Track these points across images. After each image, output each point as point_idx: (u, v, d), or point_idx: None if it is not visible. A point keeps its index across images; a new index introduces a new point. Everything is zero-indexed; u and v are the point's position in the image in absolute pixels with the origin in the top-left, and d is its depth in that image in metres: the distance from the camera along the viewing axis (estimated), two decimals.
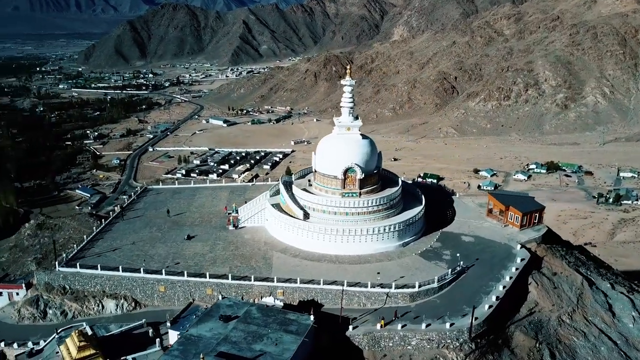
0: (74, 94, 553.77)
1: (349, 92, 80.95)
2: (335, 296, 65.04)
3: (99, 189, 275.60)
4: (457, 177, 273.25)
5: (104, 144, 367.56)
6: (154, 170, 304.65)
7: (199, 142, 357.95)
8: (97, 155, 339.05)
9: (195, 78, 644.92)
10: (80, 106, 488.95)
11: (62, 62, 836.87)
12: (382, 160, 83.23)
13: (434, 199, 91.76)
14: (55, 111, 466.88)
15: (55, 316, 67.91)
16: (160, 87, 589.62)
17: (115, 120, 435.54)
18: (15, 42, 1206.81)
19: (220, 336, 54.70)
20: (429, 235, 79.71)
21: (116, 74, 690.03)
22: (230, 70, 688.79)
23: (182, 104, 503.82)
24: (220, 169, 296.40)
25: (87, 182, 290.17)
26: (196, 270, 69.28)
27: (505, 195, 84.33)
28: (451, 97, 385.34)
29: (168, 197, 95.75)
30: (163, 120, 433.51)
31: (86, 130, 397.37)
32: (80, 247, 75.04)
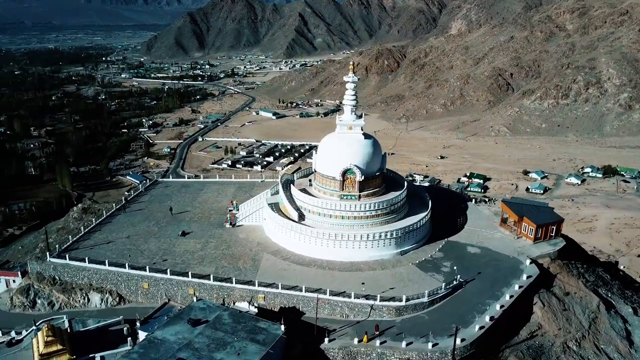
0: (134, 83, 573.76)
1: (352, 89, 76.97)
2: (319, 304, 61.76)
3: (148, 176, 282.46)
4: (504, 178, 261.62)
5: (158, 132, 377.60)
6: (201, 160, 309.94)
7: (247, 134, 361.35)
8: (149, 143, 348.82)
9: (249, 70, 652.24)
10: (139, 95, 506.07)
11: (126, 53, 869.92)
12: (386, 161, 78.78)
13: (446, 204, 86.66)
14: (116, 99, 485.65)
15: (43, 306, 68.45)
16: (216, 78, 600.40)
17: (170, 109, 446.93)
18: (86, 32, 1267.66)
19: (184, 341, 52.84)
20: (431, 244, 74.72)
21: (175, 64, 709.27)
22: (284, 62, 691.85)
23: (235, 96, 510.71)
24: (265, 161, 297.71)
25: (138, 169, 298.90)
26: (182, 268, 67.88)
27: (521, 204, 77.71)
28: (505, 94, 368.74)
29: (174, 192, 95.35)
30: (215, 111, 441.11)
31: (142, 118, 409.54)
32: (76, 239, 75.49)
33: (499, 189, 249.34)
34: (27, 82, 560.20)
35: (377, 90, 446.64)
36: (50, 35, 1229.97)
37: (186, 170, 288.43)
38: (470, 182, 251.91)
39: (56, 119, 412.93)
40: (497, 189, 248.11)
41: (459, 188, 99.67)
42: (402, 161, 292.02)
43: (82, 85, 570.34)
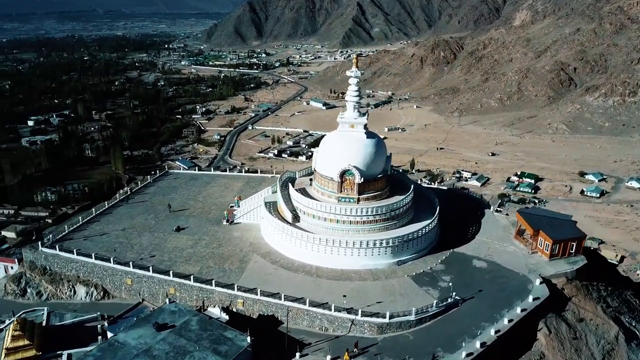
0: (192, 70, 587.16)
1: (355, 84, 71.96)
2: (297, 314, 58.05)
3: (196, 162, 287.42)
4: (558, 179, 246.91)
5: (210, 119, 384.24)
6: (249, 148, 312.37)
7: (295, 124, 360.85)
8: (201, 129, 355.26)
9: (304, 59, 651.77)
10: (195, 82, 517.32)
11: (188, 40, 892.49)
12: (390, 163, 73.38)
13: (461, 209, 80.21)
14: (174, 86, 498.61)
15: (32, 296, 68.55)
16: (271, 67, 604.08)
17: (224, 97, 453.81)
18: (152, 20, 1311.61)
19: (144, 347, 50.61)
20: (434, 255, 68.92)
21: (233, 52, 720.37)
22: (339, 52, 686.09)
23: (288, 85, 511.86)
24: (310, 152, 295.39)
25: (188, 154, 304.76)
26: (167, 266, 65.88)
27: (539, 215, 70.12)
28: (567, 90, 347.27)
29: (182, 184, 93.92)
30: (267, 100, 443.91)
31: (196, 105, 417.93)
32: (73, 229, 75.21)
33: (551, 190, 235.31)
34: (94, 68, 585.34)
35: (431, 82, 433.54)
36: (120, 22, 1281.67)
37: (233, 158, 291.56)
38: (520, 181, 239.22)
39: (117, 104, 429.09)
40: (549, 190, 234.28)
41: (480, 195, 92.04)
42: (450, 157, 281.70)
43: (144, 71, 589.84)
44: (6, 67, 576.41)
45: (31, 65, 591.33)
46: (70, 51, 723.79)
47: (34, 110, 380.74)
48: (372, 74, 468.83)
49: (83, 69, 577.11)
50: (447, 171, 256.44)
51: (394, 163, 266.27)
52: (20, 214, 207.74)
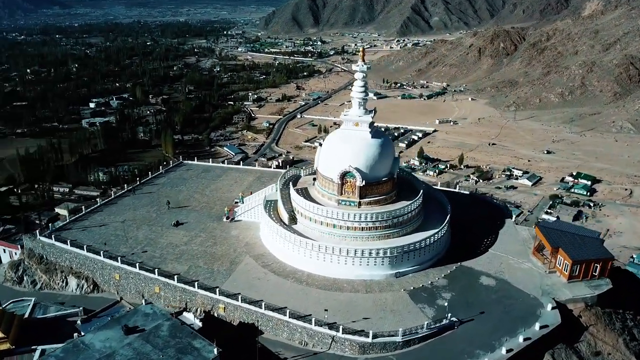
0: (248, 57, 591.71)
1: (361, 79, 66.72)
2: (277, 325, 54.51)
3: (243, 149, 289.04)
4: (618, 182, 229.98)
5: (261, 106, 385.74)
6: (296, 137, 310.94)
7: None
8: (251, 116, 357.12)
9: (359, 48, 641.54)
10: (250, 69, 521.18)
11: (246, 27, 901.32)
12: (398, 165, 67.80)
13: (478, 218, 73.75)
14: (229, 72, 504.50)
15: (27, 284, 68.61)
16: (325, 55, 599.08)
17: (276, 84, 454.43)
18: (214, 7, 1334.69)
19: (107, 351, 48.55)
20: (438, 268, 63.23)
21: (289, 40, 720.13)
22: (395, 41, 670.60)
23: (341, 74, 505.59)
24: None
25: (236, 141, 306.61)
26: (156, 263, 63.95)
27: (560, 230, 62.62)
28: (636, 86, 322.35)
29: (193, 176, 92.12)
30: (318, 89, 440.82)
31: (248, 92, 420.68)
32: (75, 218, 74.83)
33: (609, 193, 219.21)
34: (155, 53, 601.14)
35: (488, 74, 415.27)
36: (183, 9, 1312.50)
37: (280, 146, 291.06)
38: (575, 182, 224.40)
39: (173, 89, 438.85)
40: (607, 194, 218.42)
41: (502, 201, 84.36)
42: (502, 153, 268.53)
43: (202, 57, 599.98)
44: (75, 51, 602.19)
45: (98, 49, 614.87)
46: (135, 36, 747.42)
47: (96, 92, 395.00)
48: (427, 64, 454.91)
49: (145, 53, 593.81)
50: (497, 168, 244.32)
51: (442, 157, 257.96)
52: (74, 192, 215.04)
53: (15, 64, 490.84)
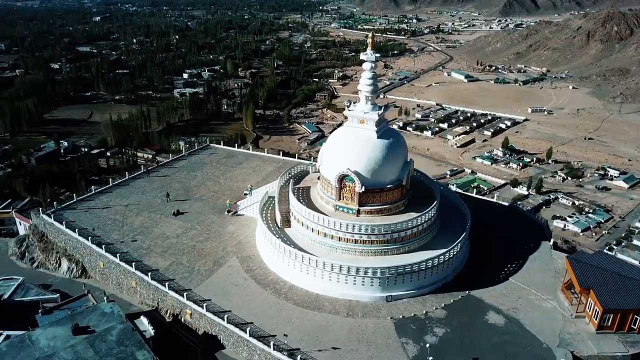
0: (340, 33, 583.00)
1: (370, 70, 57.99)
2: (237, 342, 49.24)
3: (321, 127, 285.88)
4: None
5: (345, 84, 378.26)
6: None
7: (430, 96, 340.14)
8: (334, 94, 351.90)
9: (456, 27, 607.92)
10: (340, 46, 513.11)
11: (342, 3, 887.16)
12: (408, 170, 58.68)
13: (507, 236, 63.13)
14: (318, 48, 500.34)
15: (27, 260, 68.72)
16: (419, 33, 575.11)
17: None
18: None
19: (49, 351, 46.01)
20: (441, 295, 54.23)
21: (384, 17, 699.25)
22: (496, 21, 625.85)
23: (433, 54, 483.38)
24: (437, 127, 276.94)
25: (315, 119, 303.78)
26: (140, 255, 60.99)
27: (596, 267, 50.75)
28: None
29: (214, 161, 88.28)
30: (407, 68, 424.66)
31: (335, 69, 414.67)
32: (82, 197, 73.94)
33: None
34: (250, 26, 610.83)
35: (596, 60, 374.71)
36: None
37: None
38: None
39: (262, 62, 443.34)
40: None
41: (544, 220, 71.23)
42: (599, 149, 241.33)
43: (295, 32, 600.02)
44: (178, 23, 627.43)
45: (199, 21, 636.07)
46: (235, 10, 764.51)
47: (191, 64, 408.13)
48: (527, 47, 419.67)
49: (241, 27, 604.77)
50: (591, 166, 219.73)
51: (530, 149, 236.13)
52: (155, 158, 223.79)
53: (124, 34, 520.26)
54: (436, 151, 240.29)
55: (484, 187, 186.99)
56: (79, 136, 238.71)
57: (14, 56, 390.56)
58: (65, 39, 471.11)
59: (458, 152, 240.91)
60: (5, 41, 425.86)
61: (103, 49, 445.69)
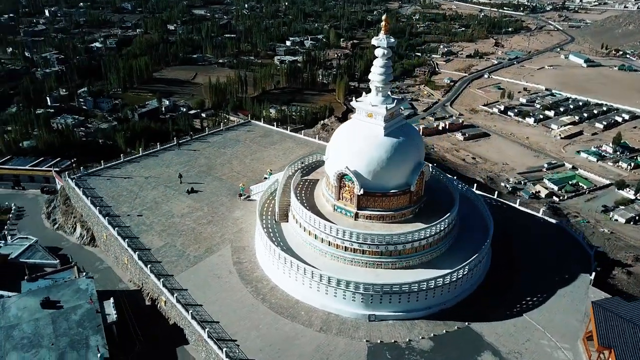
0: (452, 7, 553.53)
1: (382, 56, 50.46)
2: (198, 341, 46.55)
3: (414, 105, 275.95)
4: None
5: (448, 61, 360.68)
6: (475, 99, 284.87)
7: (540, 79, 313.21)
8: (434, 71, 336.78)
9: (584, 5, 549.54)
10: (451, 19, 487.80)
11: None
12: (418, 176, 51.12)
13: (541, 263, 54.00)
14: (427, 21, 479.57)
15: (51, 222, 71.07)
16: (540, 10, 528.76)
17: (473, 39, 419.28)
18: None
19: (14, 321, 46.47)
20: (433, 321, 47.18)
21: None
22: None
23: (552, 33, 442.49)
24: (542, 115, 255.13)
25: (410, 95, 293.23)
26: (141, 230, 60.12)
27: (623, 318, 40.64)
28: None
29: (248, 139, 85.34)
30: (519, 48, 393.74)
31: (440, 44, 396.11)
32: (108, 165, 74.73)
33: None
34: None
35: None
36: None
37: (454, 108, 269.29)
38: None
39: (366, 34, 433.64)
40: None
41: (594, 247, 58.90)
42: None
43: (405, 3, 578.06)
44: None
45: None
46: None
47: (295, 31, 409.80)
48: None
49: None
50: None
51: None
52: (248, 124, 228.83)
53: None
54: (536, 140, 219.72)
55: (583, 186, 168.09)
56: (181, 96, 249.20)
57: (137, 16, 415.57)
58: (185, 1, 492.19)
59: (561, 144, 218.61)
60: (132, 1, 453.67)
61: (216, 13, 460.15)
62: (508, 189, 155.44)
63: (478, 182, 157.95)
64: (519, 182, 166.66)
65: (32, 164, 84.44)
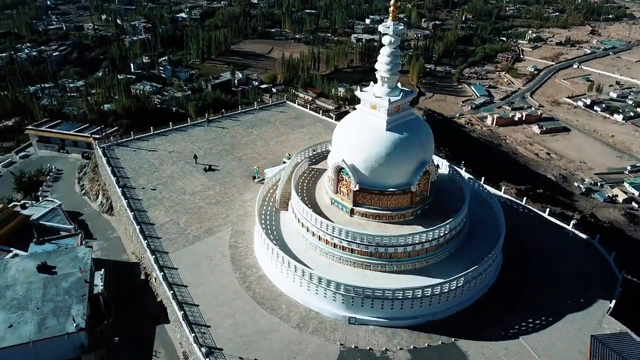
0: None
1: (389, 44, 46.50)
2: (175, 322, 46.71)
3: (492, 92, 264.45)
4: None
5: (535, 48, 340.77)
6: (559, 90, 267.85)
7: (636, 73, 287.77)
8: (519, 58, 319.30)
9: None
10: (545, 3, 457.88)
11: None
12: (420, 176, 47.41)
13: (557, 283, 49.21)
14: (517, 4, 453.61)
15: (79, 186, 74.01)
16: None
17: (566, 25, 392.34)
18: None
19: (10, 282, 48.58)
20: (416, 333, 43.99)
21: None
22: None
23: None
24: (633, 112, 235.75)
25: (488, 81, 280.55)
26: (150, 205, 60.87)
27: (619, 354, 35.32)
28: None
29: (278, 120, 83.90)
30: (618, 37, 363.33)
31: (529, 29, 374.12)
32: (139, 136, 76.39)
33: None
34: None
35: None
36: None
37: (534, 98, 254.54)
38: None
39: (450, 15, 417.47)
40: None
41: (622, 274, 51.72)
42: None
43: None
44: None
45: None
46: None
47: (376, 9, 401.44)
48: None
49: None
50: None
51: None
52: (315, 102, 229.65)
53: None
54: (622, 140, 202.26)
55: None
56: (254, 69, 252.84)
57: None
58: None
59: None
60: None
61: None
62: (581, 190, 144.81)
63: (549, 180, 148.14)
64: (595, 183, 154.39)
65: (77, 129, 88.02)
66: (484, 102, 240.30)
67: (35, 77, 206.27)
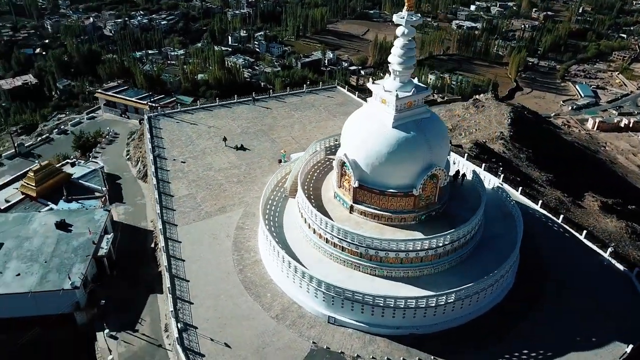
0: None
1: (403, 36, 43.14)
2: (166, 293, 47.93)
3: (598, 93, 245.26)
4: None
5: None
6: None
7: None
8: (637, 57, 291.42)
9: None
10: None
11: None
12: (425, 179, 44.16)
13: (574, 315, 44.66)
14: None
15: (125, 152, 77.80)
16: None
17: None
18: None
19: (30, 235, 52.24)
20: (396, 345, 41.48)
21: None
22: None
23: None
24: None
25: (597, 82, 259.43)
26: (176, 177, 62.61)
27: None
28: None
29: (322, 105, 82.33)
30: None
31: None
32: (185, 109, 78.77)
33: None
34: None
35: None
36: None
37: None
38: None
39: (566, 6, 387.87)
40: None
41: None
42: None
43: None
44: None
45: None
46: None
47: None
48: None
49: None
50: None
51: None
52: None
53: None
54: None
55: None
56: (346, 50, 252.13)
57: None
58: None
59: None
60: None
61: None
62: None
63: None
64: None
65: (140, 96, 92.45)
66: (588, 104, 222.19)
67: (143, 43, 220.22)
